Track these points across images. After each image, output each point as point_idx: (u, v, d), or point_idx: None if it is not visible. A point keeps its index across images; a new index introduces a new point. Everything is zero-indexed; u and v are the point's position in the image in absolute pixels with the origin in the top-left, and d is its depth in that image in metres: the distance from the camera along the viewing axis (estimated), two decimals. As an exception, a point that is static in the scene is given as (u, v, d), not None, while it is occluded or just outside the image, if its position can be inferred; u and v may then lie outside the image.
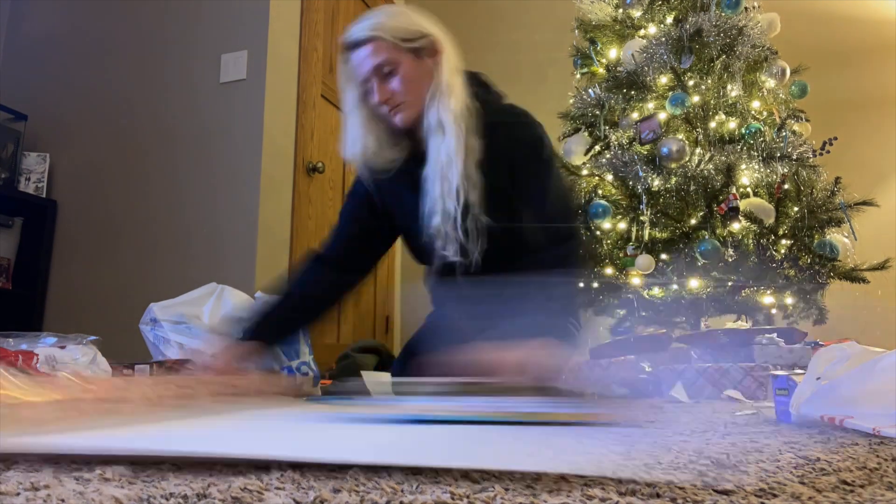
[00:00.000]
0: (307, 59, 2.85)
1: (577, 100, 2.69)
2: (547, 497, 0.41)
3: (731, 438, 0.76)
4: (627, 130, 2.54)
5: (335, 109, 3.08)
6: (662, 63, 2.40)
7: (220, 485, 0.43)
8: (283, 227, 2.64)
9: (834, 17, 3.18)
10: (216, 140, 2.58)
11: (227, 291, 1.93)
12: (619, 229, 2.48)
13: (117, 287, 2.58)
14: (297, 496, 0.40)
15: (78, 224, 2.74)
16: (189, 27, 2.71)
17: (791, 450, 0.65)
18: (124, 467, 0.49)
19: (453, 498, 0.40)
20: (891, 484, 0.46)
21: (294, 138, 2.74)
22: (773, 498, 0.41)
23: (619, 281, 2.44)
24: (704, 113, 2.40)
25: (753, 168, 2.33)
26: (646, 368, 2.07)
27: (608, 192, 2.54)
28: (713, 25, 2.36)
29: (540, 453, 0.59)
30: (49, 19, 2.97)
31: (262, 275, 2.41)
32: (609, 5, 2.74)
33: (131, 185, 2.68)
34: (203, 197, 2.56)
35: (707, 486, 0.44)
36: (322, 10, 3.01)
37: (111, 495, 0.39)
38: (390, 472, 0.49)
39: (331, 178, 2.99)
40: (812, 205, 2.28)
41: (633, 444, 0.69)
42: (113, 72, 2.80)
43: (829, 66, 3.09)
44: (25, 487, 0.41)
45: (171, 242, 2.58)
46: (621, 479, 0.46)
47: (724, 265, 2.26)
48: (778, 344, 2.02)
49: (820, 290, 2.34)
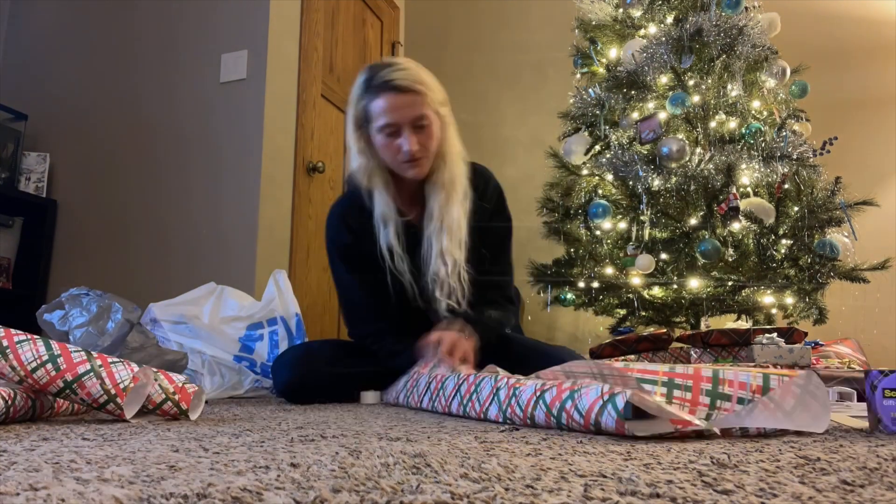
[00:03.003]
0: (307, 59, 2.85)
1: (577, 99, 2.70)
2: (547, 497, 0.41)
3: (731, 438, 0.76)
4: (627, 130, 2.54)
5: (335, 109, 3.08)
6: (662, 63, 2.40)
7: (220, 485, 0.43)
8: (283, 227, 2.64)
9: (834, 17, 3.18)
10: (216, 140, 2.58)
11: (226, 291, 1.93)
12: (619, 229, 2.49)
13: (117, 287, 2.57)
14: (297, 496, 0.40)
15: (78, 224, 2.74)
16: (189, 27, 2.71)
17: (791, 450, 0.65)
18: (124, 467, 0.49)
19: (453, 498, 0.40)
20: (891, 484, 0.46)
21: (294, 138, 2.74)
22: (773, 498, 0.41)
23: (619, 281, 2.44)
24: (705, 113, 2.40)
25: (753, 168, 2.33)
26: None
27: (608, 192, 2.54)
28: (713, 25, 2.36)
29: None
30: (49, 19, 2.97)
31: (262, 275, 2.41)
32: (609, 5, 2.74)
33: (131, 185, 2.68)
34: (203, 197, 2.57)
35: (707, 486, 0.44)
36: (322, 10, 3.01)
37: (111, 495, 0.39)
38: (390, 472, 0.49)
39: (331, 178, 2.99)
40: (812, 205, 2.28)
41: (633, 444, 0.69)
42: (113, 72, 2.80)
43: (829, 66, 3.09)
44: (25, 487, 0.41)
45: (171, 242, 2.58)
46: (621, 479, 0.46)
47: (724, 265, 2.26)
48: (778, 344, 2.02)
49: (820, 290, 2.34)
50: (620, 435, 0.75)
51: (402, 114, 1.31)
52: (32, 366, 0.92)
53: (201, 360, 1.71)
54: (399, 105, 1.31)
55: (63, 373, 0.92)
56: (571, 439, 0.74)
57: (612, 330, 2.65)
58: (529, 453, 0.61)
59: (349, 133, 1.41)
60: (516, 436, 0.78)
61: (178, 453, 0.61)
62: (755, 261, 2.27)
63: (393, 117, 1.32)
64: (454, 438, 0.75)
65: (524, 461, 0.56)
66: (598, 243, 2.53)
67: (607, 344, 2.26)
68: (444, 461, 0.55)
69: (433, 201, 1.40)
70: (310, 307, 2.73)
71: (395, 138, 1.34)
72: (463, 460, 0.56)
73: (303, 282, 2.70)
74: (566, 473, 0.49)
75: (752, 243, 2.28)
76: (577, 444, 0.69)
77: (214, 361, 1.72)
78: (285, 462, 0.54)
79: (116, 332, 1.34)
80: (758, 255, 2.26)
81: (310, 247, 2.79)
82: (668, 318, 2.49)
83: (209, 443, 0.69)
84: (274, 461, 0.55)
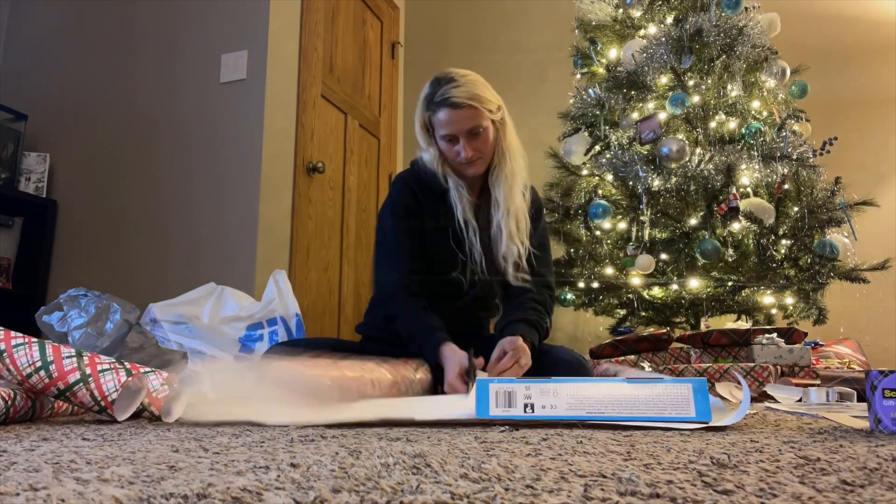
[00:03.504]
0: (307, 59, 2.85)
1: (577, 100, 2.70)
2: (547, 497, 0.41)
3: (730, 438, 0.76)
4: (627, 130, 2.54)
5: (335, 109, 3.08)
6: (662, 63, 2.40)
7: (220, 485, 0.43)
8: (283, 227, 2.64)
9: (834, 17, 3.18)
10: (216, 140, 2.58)
11: (226, 291, 1.93)
12: (619, 229, 2.49)
13: (117, 287, 2.58)
14: (297, 496, 0.40)
15: (78, 224, 2.74)
16: (189, 27, 2.71)
17: (791, 450, 0.65)
18: (124, 467, 0.49)
19: (453, 498, 0.40)
20: (891, 484, 0.46)
21: (294, 138, 2.74)
22: (773, 498, 0.41)
23: (619, 281, 2.44)
24: (704, 113, 2.40)
25: (753, 168, 2.33)
26: (646, 368, 2.07)
27: (608, 192, 2.54)
28: (713, 25, 2.36)
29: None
30: (49, 19, 2.97)
31: (262, 275, 2.41)
32: (609, 5, 2.74)
33: (131, 186, 2.68)
34: (203, 197, 2.57)
35: (707, 486, 0.44)
36: (322, 10, 3.01)
37: (111, 495, 0.39)
38: (390, 472, 0.49)
39: (331, 178, 2.99)
40: (812, 205, 2.28)
41: (633, 443, 0.69)
42: (113, 72, 2.80)
43: (829, 66, 3.09)
44: (25, 487, 0.41)
45: (170, 242, 2.58)
46: (621, 479, 0.46)
47: (724, 265, 2.27)
48: (778, 344, 2.02)
49: (820, 290, 2.34)
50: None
51: (459, 126, 1.49)
52: (27, 371, 0.92)
53: (201, 361, 1.71)
54: (455, 119, 1.49)
55: (55, 381, 0.92)
56: (571, 439, 0.74)
57: (612, 330, 2.65)
58: (529, 453, 0.61)
59: (417, 133, 1.59)
60: (516, 436, 0.78)
61: (178, 453, 0.61)
62: (755, 261, 2.28)
63: (451, 129, 1.50)
64: (454, 438, 0.75)
65: (524, 461, 0.56)
66: (598, 243, 2.53)
67: (607, 344, 2.26)
68: (444, 461, 0.55)
69: (498, 191, 1.56)
70: (310, 307, 2.73)
71: (455, 144, 1.52)
72: (463, 460, 0.56)
73: (303, 282, 2.70)
74: (566, 473, 0.49)
75: (752, 243, 2.28)
76: (577, 444, 0.69)
77: (214, 361, 1.72)
78: (285, 462, 0.54)
79: (115, 332, 1.34)
80: (758, 255, 2.26)
81: (310, 247, 2.79)
82: (668, 319, 2.49)
83: (209, 443, 0.69)
84: (274, 461, 0.55)
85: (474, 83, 1.52)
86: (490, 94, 1.54)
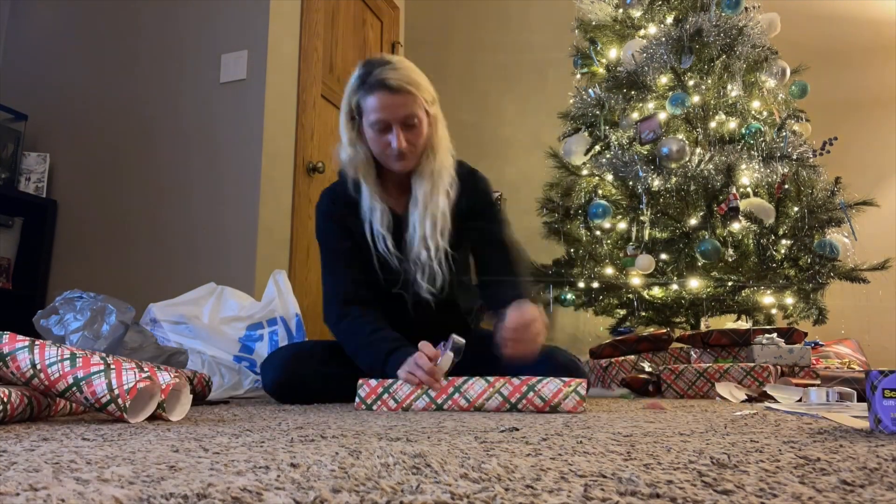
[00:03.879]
0: (307, 59, 2.85)
1: (577, 100, 2.70)
2: (547, 497, 0.41)
3: (731, 438, 0.76)
4: (627, 130, 2.54)
5: (335, 109, 3.08)
6: (662, 63, 2.40)
7: (220, 485, 0.43)
8: (283, 227, 2.64)
9: (834, 17, 3.18)
10: (216, 140, 2.58)
11: (226, 292, 1.93)
12: (619, 229, 2.49)
13: (117, 287, 2.58)
14: (297, 496, 0.40)
15: (78, 224, 2.74)
16: (189, 27, 2.71)
17: (791, 450, 0.65)
18: (124, 467, 0.49)
19: (453, 498, 0.40)
20: (891, 484, 0.46)
21: (294, 138, 2.74)
22: (773, 498, 0.41)
23: (619, 281, 2.44)
24: (704, 113, 2.40)
25: (753, 168, 2.33)
26: (646, 368, 2.07)
27: (608, 192, 2.54)
28: (713, 25, 2.36)
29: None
30: (49, 19, 2.97)
31: (262, 275, 2.41)
32: (609, 5, 2.74)
33: (131, 186, 2.68)
34: (203, 197, 2.57)
35: (707, 486, 0.44)
36: (322, 10, 3.01)
37: (111, 495, 0.39)
38: (390, 472, 0.49)
39: (331, 178, 2.99)
40: (812, 205, 2.28)
41: (633, 444, 0.69)
42: (113, 72, 2.80)
43: (829, 66, 3.09)
44: (25, 487, 0.41)
45: (170, 242, 2.58)
46: (621, 479, 0.46)
47: (724, 265, 2.26)
48: (778, 344, 2.02)
49: (820, 290, 2.34)
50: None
51: (393, 112, 1.37)
52: (51, 360, 0.94)
53: (201, 361, 1.71)
54: (390, 104, 1.37)
55: (76, 370, 0.94)
56: (571, 439, 0.74)
57: (612, 330, 2.65)
58: (529, 453, 0.61)
59: (342, 123, 1.47)
60: (516, 436, 0.78)
61: (178, 453, 0.61)
62: (755, 261, 2.28)
63: (384, 115, 1.38)
64: (454, 438, 0.75)
65: (524, 461, 0.56)
66: (598, 243, 2.53)
67: (607, 344, 2.26)
68: (444, 461, 0.55)
69: (419, 190, 1.46)
70: (310, 307, 2.72)
71: (385, 134, 1.40)
72: (463, 460, 0.56)
73: (303, 282, 2.70)
74: (566, 473, 0.49)
75: (752, 243, 2.28)
76: (577, 444, 0.69)
77: (214, 361, 1.72)
78: (285, 462, 0.54)
79: (111, 334, 1.34)
80: (758, 255, 2.26)
81: (310, 247, 2.79)
82: (668, 319, 2.49)
83: (209, 443, 0.69)
84: (274, 461, 0.55)
85: (412, 69, 1.42)
86: (427, 84, 1.44)
